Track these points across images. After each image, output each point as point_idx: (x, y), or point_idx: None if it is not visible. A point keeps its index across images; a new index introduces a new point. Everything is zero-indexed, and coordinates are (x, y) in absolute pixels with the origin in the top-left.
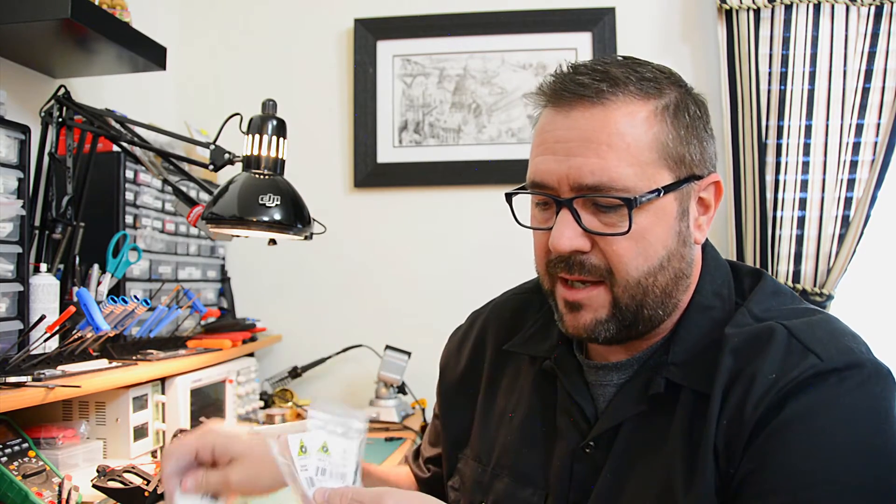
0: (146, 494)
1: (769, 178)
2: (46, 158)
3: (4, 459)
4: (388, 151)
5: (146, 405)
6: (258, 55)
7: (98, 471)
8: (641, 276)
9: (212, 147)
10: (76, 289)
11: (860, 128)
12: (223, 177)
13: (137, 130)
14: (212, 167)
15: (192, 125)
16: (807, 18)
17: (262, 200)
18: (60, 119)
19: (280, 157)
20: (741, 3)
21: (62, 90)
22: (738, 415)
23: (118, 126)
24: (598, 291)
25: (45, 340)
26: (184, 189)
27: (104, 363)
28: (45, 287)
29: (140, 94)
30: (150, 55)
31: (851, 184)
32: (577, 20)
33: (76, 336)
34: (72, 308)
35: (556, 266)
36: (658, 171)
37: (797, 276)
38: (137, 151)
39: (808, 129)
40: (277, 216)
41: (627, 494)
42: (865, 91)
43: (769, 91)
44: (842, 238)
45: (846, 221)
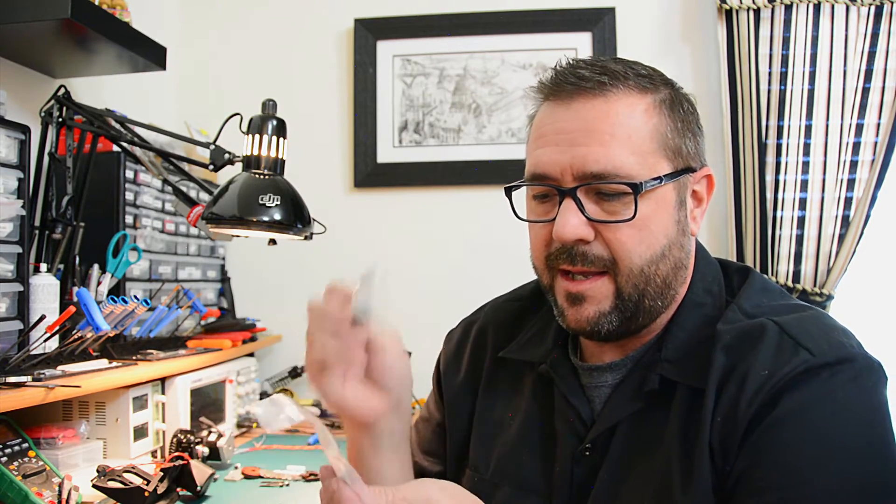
0: (146, 494)
1: (769, 178)
2: (46, 158)
3: (4, 459)
4: (388, 151)
5: (146, 405)
6: (258, 55)
7: (98, 471)
8: (644, 265)
9: (212, 147)
10: (76, 289)
11: (860, 128)
12: (223, 177)
13: (137, 130)
14: (212, 167)
15: (192, 125)
16: (807, 18)
17: (262, 200)
18: (60, 119)
19: (280, 157)
20: (741, 3)
21: (62, 90)
22: (732, 412)
23: (118, 126)
24: (601, 282)
25: (45, 340)
26: (184, 189)
27: (104, 363)
28: (45, 287)
29: (140, 94)
30: (150, 55)
31: (851, 184)
32: (577, 20)
33: (76, 336)
34: (72, 308)
35: (558, 258)
36: (658, 161)
37: (797, 276)
38: (137, 151)
39: (808, 129)
40: (277, 216)
41: (625, 495)
42: (865, 91)
43: (769, 91)
44: (842, 238)
45: (846, 221)
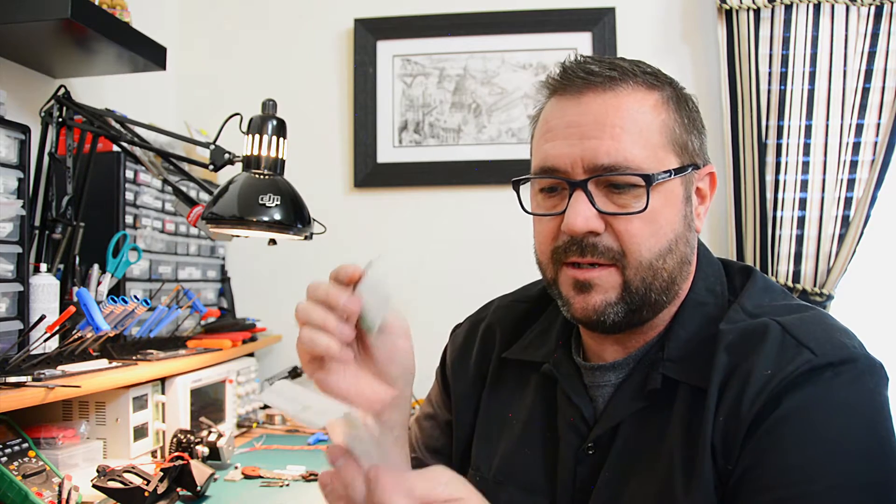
0: (146, 494)
1: (769, 178)
2: (46, 158)
3: (4, 459)
4: (388, 151)
5: (146, 405)
6: (258, 55)
7: (98, 471)
8: (653, 258)
9: (212, 147)
10: (76, 289)
11: (860, 128)
12: (223, 177)
13: (137, 130)
14: (212, 167)
15: (192, 125)
16: (807, 18)
17: (262, 200)
18: (60, 119)
19: (280, 157)
20: (741, 3)
21: (62, 90)
22: (735, 412)
23: (118, 126)
24: (609, 272)
25: (45, 340)
26: (184, 189)
27: (104, 363)
28: (45, 287)
29: (140, 94)
30: (150, 55)
31: (851, 184)
32: (577, 20)
33: (76, 336)
34: (72, 308)
35: (567, 251)
36: (667, 156)
37: (797, 276)
38: (137, 151)
39: (808, 129)
40: (277, 216)
41: (627, 494)
42: (865, 91)
43: (769, 91)
44: (842, 238)
45: (846, 221)
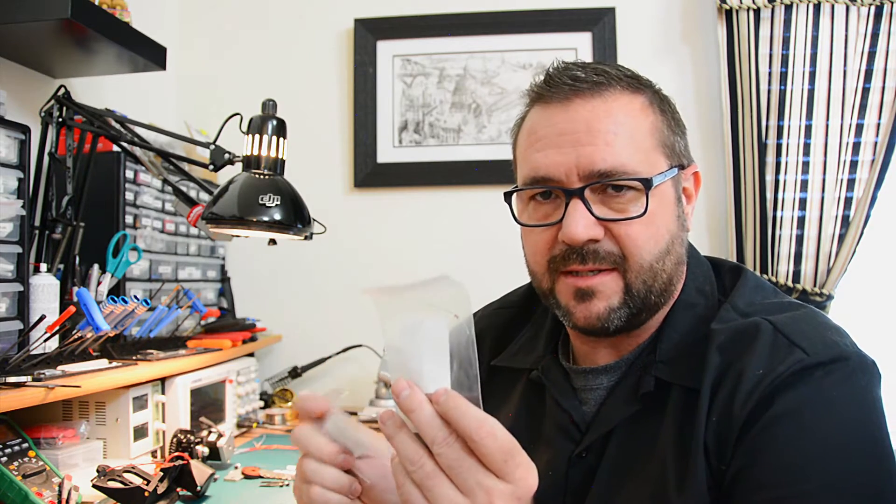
0: (146, 494)
1: (769, 178)
2: (46, 158)
3: (4, 459)
4: (388, 151)
5: (146, 405)
6: (258, 55)
7: (98, 471)
8: (653, 260)
9: (212, 147)
10: (76, 289)
11: (860, 128)
12: (223, 177)
13: (137, 130)
14: (212, 167)
15: (192, 125)
16: (807, 18)
17: (262, 200)
18: (60, 119)
19: (280, 157)
20: (741, 3)
21: (62, 90)
22: (728, 412)
23: (118, 126)
24: (611, 277)
25: (45, 340)
26: (184, 189)
27: (104, 363)
28: (45, 287)
29: (140, 94)
30: (150, 55)
31: (851, 184)
32: (577, 20)
33: (76, 336)
34: (72, 308)
35: (566, 260)
36: (658, 158)
37: (797, 276)
38: (137, 151)
39: (808, 129)
40: (277, 216)
41: (621, 497)
42: (865, 91)
43: (769, 91)
44: (842, 238)
45: (846, 221)
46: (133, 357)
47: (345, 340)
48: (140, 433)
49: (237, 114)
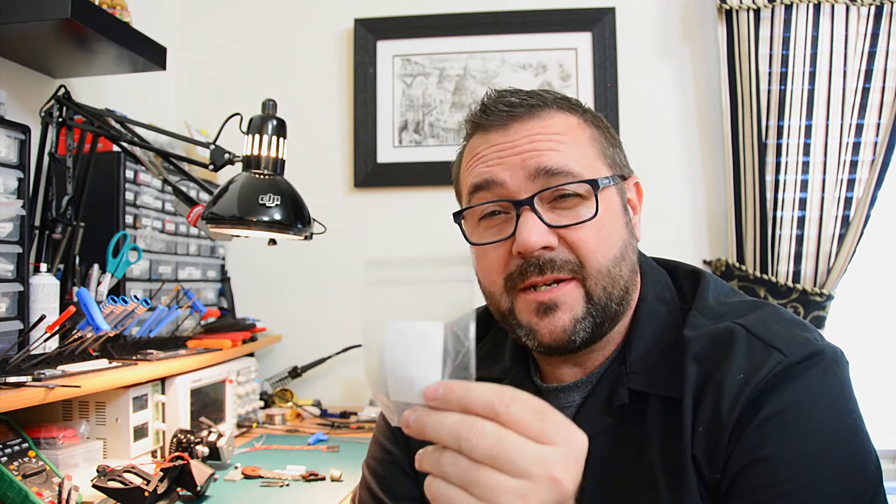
0: (146, 494)
1: (769, 178)
2: (46, 158)
3: (4, 459)
4: (388, 151)
5: (146, 405)
6: (258, 55)
7: (98, 471)
8: (609, 265)
9: (212, 147)
10: (76, 289)
11: (860, 128)
12: (223, 177)
13: (137, 130)
14: (212, 167)
15: (192, 125)
16: (807, 18)
17: (262, 200)
18: (60, 119)
19: (280, 157)
20: (741, 3)
21: (62, 90)
22: (715, 420)
23: (118, 126)
24: (571, 287)
25: (45, 340)
26: (184, 189)
27: (104, 363)
28: (45, 287)
29: (140, 94)
30: (150, 55)
31: (851, 184)
32: (577, 20)
33: (76, 336)
34: (72, 308)
35: (524, 274)
36: (600, 167)
37: (797, 276)
38: (137, 151)
39: (808, 129)
40: (277, 216)
41: None
42: (865, 91)
43: (769, 91)
44: (842, 238)
45: (846, 221)
46: (133, 357)
47: (345, 340)
48: (140, 433)
49: (237, 114)
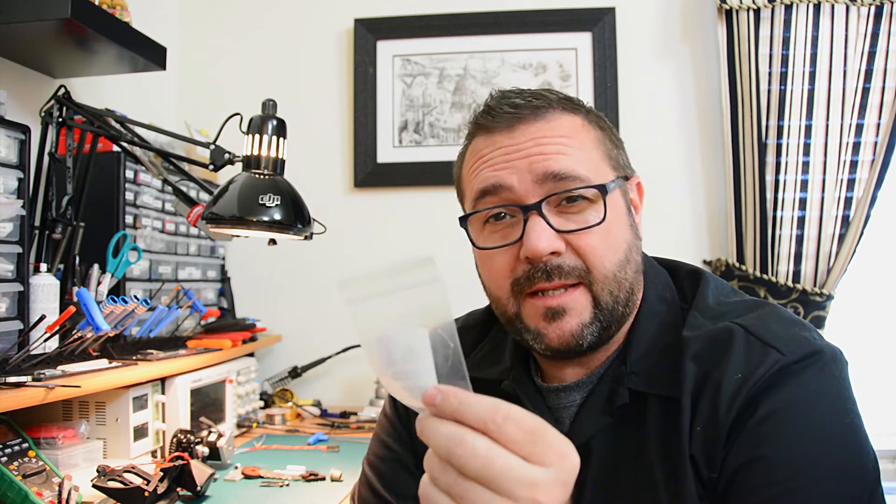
0: (146, 494)
1: (769, 178)
2: (46, 158)
3: (4, 459)
4: (388, 151)
5: (146, 405)
6: (258, 55)
7: (98, 471)
8: (616, 269)
9: (212, 147)
10: (76, 289)
11: (860, 128)
12: (223, 177)
13: (137, 130)
14: (212, 167)
15: (192, 125)
16: (807, 18)
17: (262, 200)
18: (60, 119)
19: (280, 157)
20: (741, 3)
21: (62, 90)
22: (712, 420)
23: (118, 126)
24: (579, 293)
25: (45, 340)
26: (184, 189)
27: (104, 363)
28: (45, 287)
29: (140, 94)
30: (150, 55)
31: (851, 184)
32: (577, 20)
33: (76, 336)
34: (72, 308)
35: (531, 279)
36: (606, 169)
37: (797, 276)
38: (137, 151)
39: (808, 129)
40: (277, 216)
41: None
42: (865, 91)
43: (769, 91)
44: (842, 238)
45: (846, 221)
46: (133, 357)
47: (345, 340)
48: (140, 433)
49: (237, 114)
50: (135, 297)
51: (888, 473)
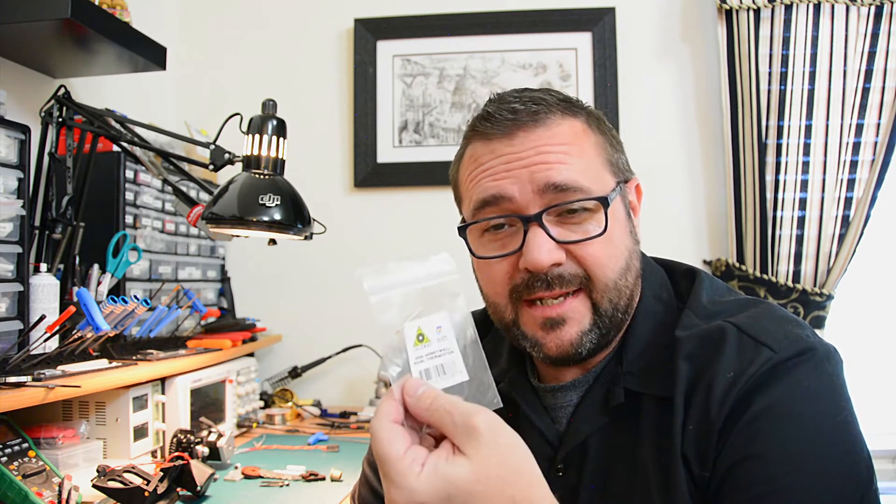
0: (146, 494)
1: (769, 178)
2: (46, 158)
3: (4, 459)
4: (388, 151)
5: (146, 405)
6: (258, 55)
7: (98, 471)
8: (616, 277)
9: (212, 147)
10: (76, 289)
11: (860, 128)
12: (223, 177)
13: (137, 130)
14: (212, 167)
15: (192, 125)
16: (807, 18)
17: (262, 200)
18: (60, 119)
19: (280, 157)
20: (741, 3)
21: (62, 90)
22: (704, 419)
23: (118, 126)
24: (579, 300)
25: (45, 340)
26: (184, 189)
27: (104, 363)
28: (45, 287)
29: (140, 94)
30: (150, 55)
31: (851, 184)
32: (577, 20)
33: (76, 336)
34: (72, 308)
35: (530, 288)
36: (607, 176)
37: (797, 276)
38: (137, 151)
39: (808, 129)
40: (277, 216)
41: None
42: (865, 91)
43: (769, 91)
44: (842, 238)
45: (846, 221)
46: (133, 357)
47: (345, 340)
48: (140, 433)
49: (237, 114)
50: (135, 297)
51: (887, 473)
